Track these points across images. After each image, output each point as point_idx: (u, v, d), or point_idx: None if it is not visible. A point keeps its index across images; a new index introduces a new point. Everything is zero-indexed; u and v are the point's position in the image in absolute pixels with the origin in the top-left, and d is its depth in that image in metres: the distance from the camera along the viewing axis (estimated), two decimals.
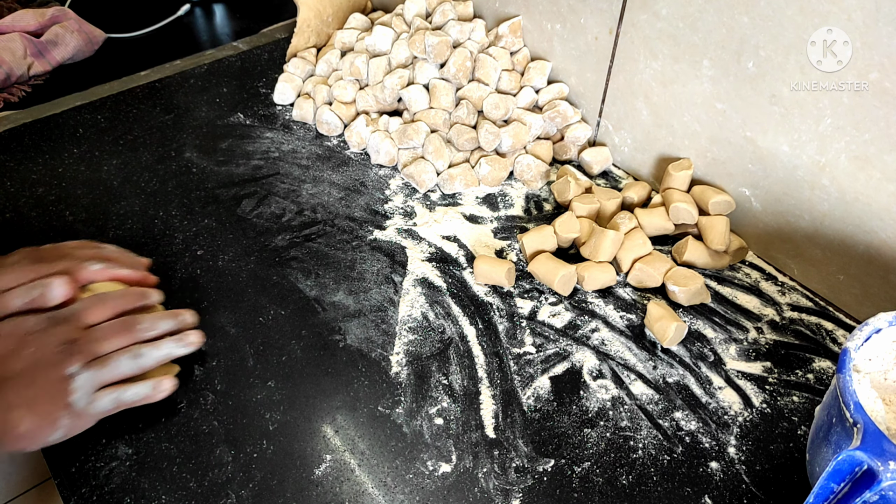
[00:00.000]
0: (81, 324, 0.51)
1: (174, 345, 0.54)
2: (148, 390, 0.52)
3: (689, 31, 0.66)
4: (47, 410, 0.47)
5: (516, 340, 0.62)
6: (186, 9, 1.14)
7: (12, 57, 0.92)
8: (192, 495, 0.50)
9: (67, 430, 0.48)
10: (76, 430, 0.49)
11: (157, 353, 0.52)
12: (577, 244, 0.70)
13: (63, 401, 0.48)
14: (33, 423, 0.46)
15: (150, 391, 0.52)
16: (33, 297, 0.51)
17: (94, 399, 0.49)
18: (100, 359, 0.50)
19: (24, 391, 0.46)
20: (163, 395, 0.53)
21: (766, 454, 0.54)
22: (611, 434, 0.55)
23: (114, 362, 0.50)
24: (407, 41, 0.82)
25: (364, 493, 0.51)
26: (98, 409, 0.50)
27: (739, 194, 0.69)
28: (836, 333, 0.63)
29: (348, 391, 0.57)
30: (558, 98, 0.82)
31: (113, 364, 0.50)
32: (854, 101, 0.56)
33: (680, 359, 0.61)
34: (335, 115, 0.84)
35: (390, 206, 0.75)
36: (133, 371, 0.51)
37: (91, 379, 0.49)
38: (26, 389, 0.46)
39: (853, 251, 0.62)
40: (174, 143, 0.83)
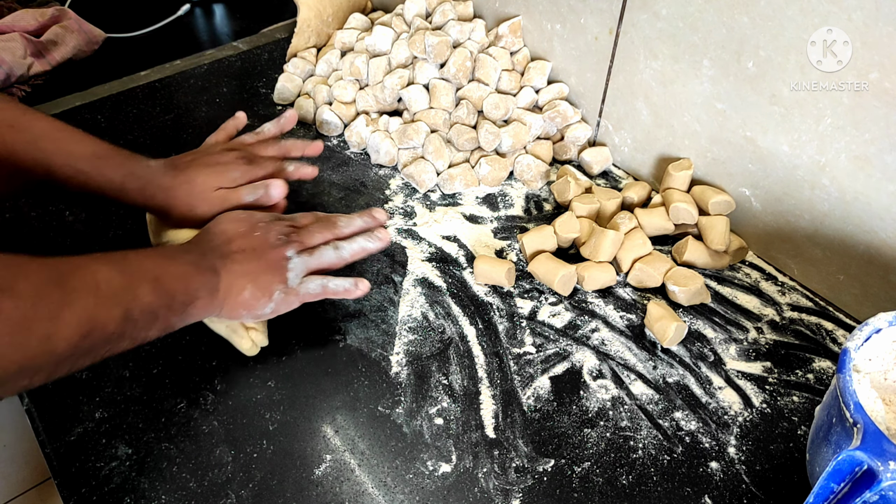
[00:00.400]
0: (296, 223, 0.60)
1: (365, 240, 0.60)
2: (349, 284, 0.57)
3: (689, 31, 0.66)
4: (267, 282, 0.54)
5: (516, 340, 0.62)
6: (186, 9, 1.14)
7: (12, 57, 0.92)
8: (192, 495, 0.50)
9: (278, 304, 0.55)
10: (285, 305, 0.55)
11: (353, 247, 0.60)
12: (577, 244, 0.70)
13: (280, 276, 0.55)
14: (253, 291, 0.53)
15: (351, 285, 0.57)
16: (259, 195, 0.62)
17: (306, 281, 0.56)
18: (309, 249, 0.58)
19: (250, 264, 0.54)
20: (361, 292, 0.58)
21: (766, 454, 0.54)
22: (611, 434, 0.55)
23: (319, 252, 0.58)
24: (407, 41, 0.82)
25: (364, 493, 0.51)
26: (307, 290, 0.56)
27: (739, 194, 0.69)
28: (836, 333, 0.63)
29: (348, 391, 0.57)
30: (558, 98, 0.82)
31: (318, 253, 0.57)
32: (854, 101, 0.56)
33: (680, 359, 0.61)
34: (335, 115, 0.84)
35: (390, 206, 0.75)
36: (334, 260, 0.58)
37: (303, 263, 0.56)
38: (252, 263, 0.54)
39: (853, 251, 0.62)
40: (174, 143, 0.83)
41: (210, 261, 0.53)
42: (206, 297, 0.51)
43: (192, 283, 0.50)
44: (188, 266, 0.51)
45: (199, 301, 0.50)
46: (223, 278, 0.52)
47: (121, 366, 0.59)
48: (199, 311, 0.51)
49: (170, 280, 0.48)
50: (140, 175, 0.60)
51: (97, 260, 0.45)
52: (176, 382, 0.58)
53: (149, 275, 0.47)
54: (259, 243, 0.56)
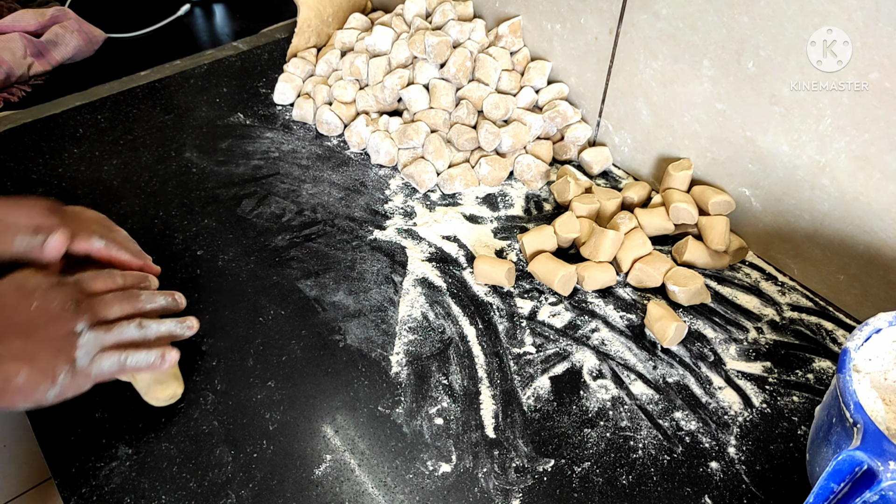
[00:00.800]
0: (86, 289, 0.51)
1: (175, 324, 0.54)
2: (153, 358, 0.51)
3: (689, 31, 0.66)
4: (48, 364, 0.45)
5: (516, 340, 0.62)
6: (186, 9, 1.14)
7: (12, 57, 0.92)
8: (192, 495, 0.50)
9: (65, 388, 0.46)
10: (73, 389, 0.47)
11: (161, 328, 0.53)
12: (577, 244, 0.70)
13: (66, 356, 0.47)
14: (31, 377, 0.45)
15: (155, 359, 0.51)
16: (33, 245, 0.51)
17: (98, 359, 0.48)
18: (106, 323, 0.50)
19: (25, 343, 0.45)
20: (168, 365, 0.52)
21: (766, 454, 0.54)
22: (611, 434, 0.55)
23: (119, 328, 0.50)
24: (407, 41, 0.82)
25: (364, 493, 0.51)
26: (100, 370, 0.48)
27: (739, 194, 0.69)
28: (836, 333, 0.63)
29: (348, 391, 0.57)
30: (558, 98, 0.82)
31: (118, 329, 0.50)
32: (854, 101, 0.56)
33: (680, 359, 0.61)
34: (335, 115, 0.84)
35: (390, 206, 0.75)
36: (137, 338, 0.51)
37: (96, 339, 0.48)
38: (27, 341, 0.45)
39: (853, 251, 0.62)
40: (174, 143, 0.83)
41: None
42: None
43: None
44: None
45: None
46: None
47: None
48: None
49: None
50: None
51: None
52: None
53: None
54: (37, 315, 0.47)
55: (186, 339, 0.60)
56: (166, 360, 0.51)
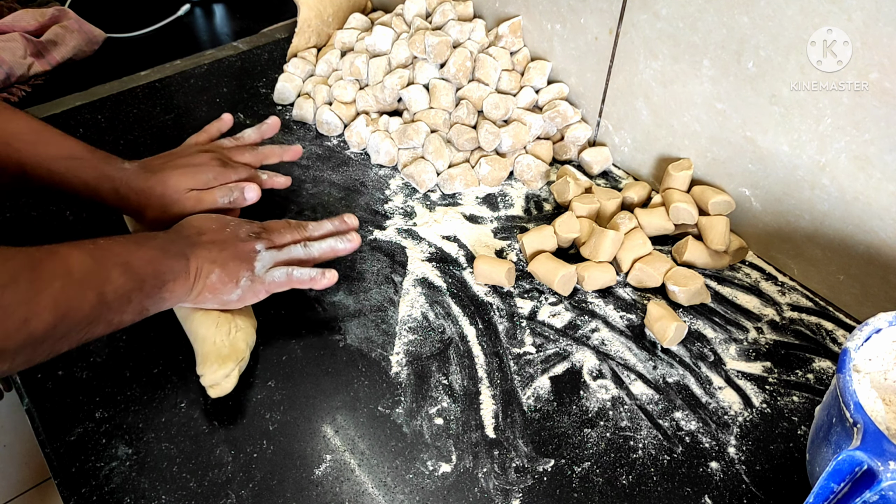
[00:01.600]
0: (267, 226, 0.62)
1: (335, 240, 0.62)
2: (314, 273, 0.59)
3: (689, 31, 0.66)
4: (234, 268, 0.56)
5: (516, 340, 0.62)
6: (186, 9, 1.14)
7: (12, 57, 0.92)
8: (192, 495, 0.50)
9: (244, 292, 0.56)
10: (251, 294, 0.57)
11: (321, 245, 0.61)
12: (577, 244, 0.70)
13: (247, 265, 0.57)
14: (220, 276, 0.55)
15: (316, 275, 0.59)
16: (233, 198, 0.64)
17: (272, 271, 0.58)
18: (278, 246, 0.60)
19: (219, 252, 0.56)
20: (326, 282, 0.59)
21: (766, 454, 0.54)
22: (611, 434, 0.55)
23: (287, 248, 0.60)
24: (407, 41, 0.82)
25: (364, 493, 0.51)
26: (272, 278, 0.57)
27: (739, 194, 0.69)
28: (836, 333, 0.63)
29: (348, 391, 0.57)
30: (558, 98, 0.82)
31: (287, 249, 0.60)
32: (854, 101, 0.56)
33: (680, 359, 0.61)
34: (335, 115, 0.84)
35: (390, 206, 0.76)
36: (301, 256, 0.60)
37: (270, 256, 0.58)
38: (221, 252, 0.56)
39: (853, 251, 0.62)
40: (174, 143, 0.82)
41: (179, 247, 0.54)
42: (175, 281, 0.52)
43: (161, 266, 0.51)
44: (157, 251, 0.52)
45: (169, 284, 0.52)
46: (192, 263, 0.54)
47: (121, 366, 0.59)
48: (170, 295, 0.52)
49: (139, 264, 0.50)
50: (114, 177, 0.61)
51: (69, 246, 0.46)
52: (176, 382, 0.58)
53: (119, 259, 0.49)
54: (229, 236, 0.58)
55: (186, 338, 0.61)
56: (326, 276, 0.59)
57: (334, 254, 0.62)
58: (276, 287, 0.58)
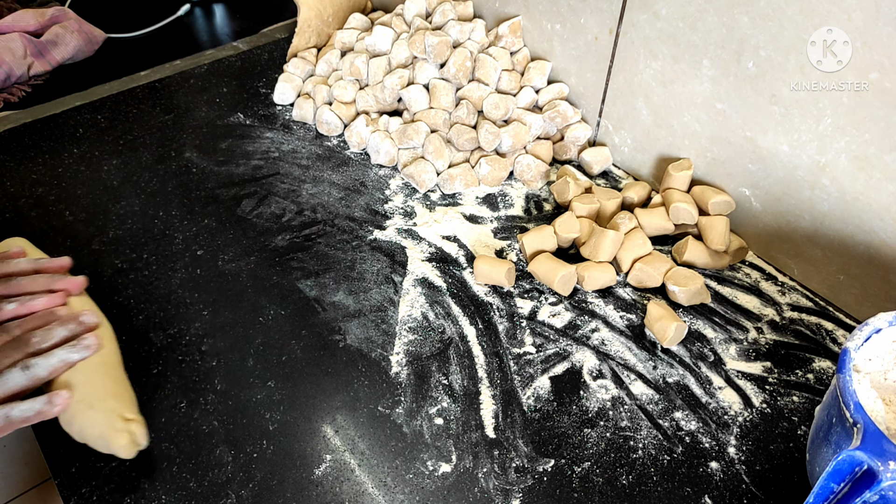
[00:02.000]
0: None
1: (68, 351, 0.50)
2: (40, 405, 0.48)
3: (689, 31, 0.66)
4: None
5: (516, 340, 0.62)
6: (186, 9, 1.14)
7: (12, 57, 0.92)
8: (192, 495, 0.50)
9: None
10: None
11: (50, 362, 0.50)
12: (577, 244, 0.70)
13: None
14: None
15: (42, 406, 0.48)
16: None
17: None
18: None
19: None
20: (58, 409, 0.48)
21: (766, 454, 0.54)
22: (611, 434, 0.55)
23: (3, 378, 0.48)
24: (407, 41, 0.82)
25: (364, 493, 0.51)
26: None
27: (739, 194, 0.69)
28: (836, 333, 0.63)
29: (348, 391, 0.57)
30: (558, 98, 0.82)
31: (2, 380, 0.48)
32: (854, 101, 0.56)
33: (680, 359, 0.61)
34: (335, 115, 0.84)
35: (390, 206, 0.76)
36: (25, 384, 0.49)
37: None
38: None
39: (853, 251, 0.62)
40: (174, 143, 0.83)
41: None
42: None
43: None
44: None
45: None
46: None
47: None
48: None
49: None
50: None
51: None
52: (176, 382, 0.58)
53: None
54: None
55: (188, 340, 0.61)
56: (55, 402, 0.48)
57: (67, 367, 0.50)
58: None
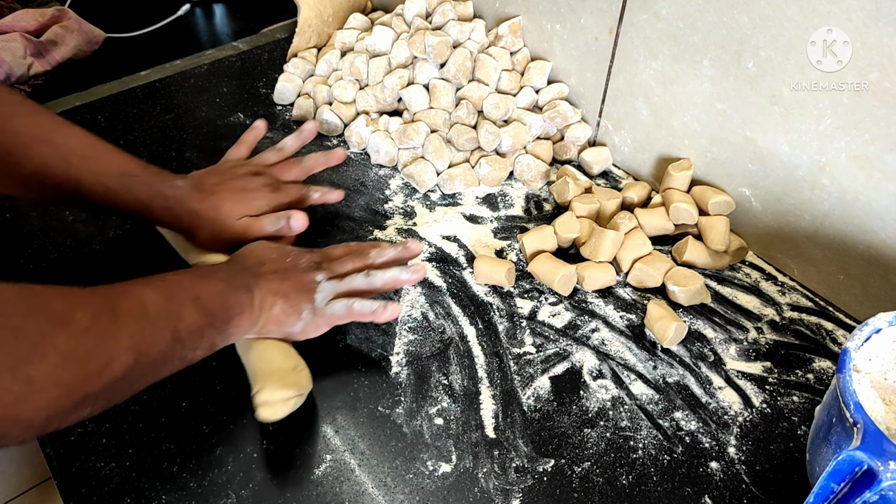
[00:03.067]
0: (328, 255, 0.61)
1: (399, 270, 0.59)
2: (376, 306, 0.56)
3: (689, 31, 0.66)
4: (296, 300, 0.55)
5: (516, 340, 0.62)
6: (186, 9, 1.14)
7: (12, 57, 0.92)
8: (192, 495, 0.50)
9: (306, 324, 0.56)
10: (313, 327, 0.56)
11: (385, 275, 0.59)
12: (577, 244, 0.70)
13: (308, 296, 0.56)
14: (284, 308, 0.54)
15: (377, 307, 0.56)
16: (280, 226, 0.63)
17: (332, 303, 0.56)
18: (339, 276, 0.58)
19: (281, 283, 0.55)
20: (388, 315, 0.57)
21: (766, 454, 0.54)
22: (611, 434, 0.55)
23: (349, 278, 0.58)
24: (407, 41, 0.82)
25: (364, 493, 0.51)
26: (332, 311, 0.56)
27: (739, 194, 0.69)
28: (836, 333, 0.63)
29: (348, 391, 0.57)
30: (558, 98, 0.82)
31: (348, 279, 0.58)
32: (854, 101, 0.56)
33: (680, 359, 0.61)
34: (335, 115, 0.84)
35: (390, 206, 0.76)
36: (363, 286, 0.58)
37: (331, 287, 0.57)
38: (282, 282, 0.55)
39: (853, 251, 0.62)
40: (174, 143, 0.83)
41: (243, 279, 0.54)
42: (242, 315, 0.52)
43: (228, 300, 0.51)
44: (223, 284, 0.52)
45: (236, 318, 0.51)
46: (256, 295, 0.53)
47: None
48: (236, 329, 0.52)
49: (209, 298, 0.49)
50: (167, 195, 0.61)
51: (140, 285, 0.45)
52: (176, 382, 0.58)
53: (189, 295, 0.48)
54: (290, 266, 0.57)
55: None
56: (388, 309, 0.57)
57: (398, 285, 0.60)
58: (337, 320, 0.57)
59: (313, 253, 0.60)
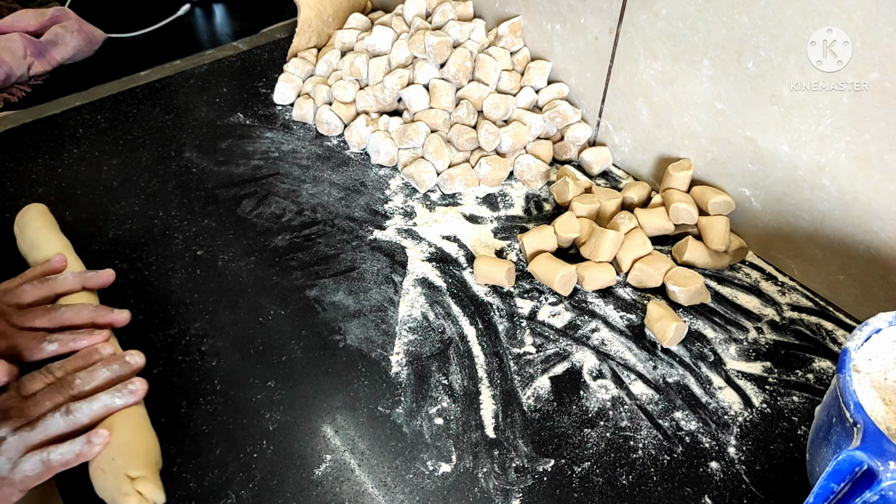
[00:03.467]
0: (23, 392, 0.49)
1: (112, 395, 0.49)
2: (79, 447, 0.47)
3: (689, 31, 0.66)
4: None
5: (516, 340, 0.62)
6: (186, 9, 1.14)
7: (12, 57, 0.92)
8: (192, 495, 0.50)
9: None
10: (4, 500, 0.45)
11: (92, 407, 0.48)
12: (577, 244, 0.70)
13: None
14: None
15: (81, 447, 0.47)
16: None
17: (20, 462, 0.45)
18: (31, 422, 0.47)
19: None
20: (98, 448, 0.47)
21: (766, 454, 0.54)
22: (611, 434, 0.55)
23: (43, 422, 0.47)
24: (407, 41, 0.82)
25: (364, 493, 0.51)
26: (23, 473, 0.45)
27: (739, 194, 0.69)
28: (836, 333, 0.63)
29: (348, 391, 0.57)
30: (558, 98, 0.82)
31: (42, 424, 0.47)
32: (854, 101, 0.56)
33: (680, 359, 0.61)
34: (335, 115, 0.84)
35: (390, 206, 0.76)
36: (65, 428, 0.48)
37: (19, 441, 0.46)
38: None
39: (853, 251, 0.62)
40: (174, 143, 0.83)
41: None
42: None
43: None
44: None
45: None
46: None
47: None
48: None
49: None
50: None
51: None
52: (176, 382, 0.58)
53: None
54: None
55: (188, 340, 0.61)
56: (94, 443, 0.47)
57: (109, 412, 0.49)
58: (33, 482, 0.46)
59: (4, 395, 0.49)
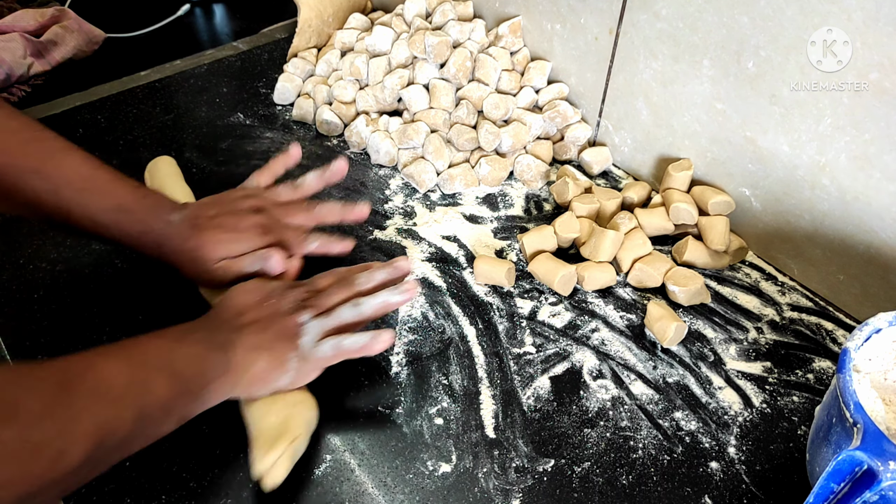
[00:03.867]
0: (314, 287, 0.57)
1: (389, 293, 0.56)
2: (366, 339, 0.53)
3: (689, 31, 0.66)
4: (280, 352, 0.51)
5: (516, 340, 0.62)
6: (186, 9, 1.14)
7: (12, 57, 0.92)
8: (192, 495, 0.50)
9: (294, 375, 0.52)
10: (302, 376, 0.52)
11: (374, 302, 0.55)
12: (577, 244, 0.70)
13: (293, 343, 0.52)
14: (269, 362, 0.51)
15: (368, 340, 0.53)
16: (256, 268, 0.59)
17: (320, 344, 0.53)
18: (326, 311, 0.55)
19: (263, 334, 0.52)
20: (381, 345, 0.53)
21: (766, 454, 0.54)
22: (611, 434, 0.55)
23: (336, 312, 0.55)
24: (407, 41, 0.82)
25: (364, 493, 0.51)
26: (321, 354, 0.53)
27: (739, 194, 0.69)
28: (836, 333, 0.63)
29: (348, 391, 0.57)
30: (558, 98, 0.82)
31: (336, 313, 0.54)
32: (854, 101, 0.56)
33: (680, 359, 0.61)
34: (335, 115, 0.84)
35: (390, 206, 0.75)
36: (354, 317, 0.55)
37: (317, 326, 0.53)
38: (264, 333, 0.52)
39: (853, 251, 0.62)
40: (174, 143, 0.83)
41: (222, 336, 0.50)
42: (220, 377, 0.48)
43: (205, 363, 0.48)
44: (200, 346, 0.48)
45: (213, 383, 0.48)
46: (236, 353, 0.50)
47: None
48: (214, 394, 0.48)
49: (182, 365, 0.46)
50: (157, 232, 0.58)
51: (104, 356, 0.42)
52: None
53: (159, 363, 0.45)
54: (271, 312, 0.53)
55: None
56: (379, 340, 0.53)
57: (389, 309, 0.56)
58: (327, 363, 0.53)
59: (298, 288, 0.56)
